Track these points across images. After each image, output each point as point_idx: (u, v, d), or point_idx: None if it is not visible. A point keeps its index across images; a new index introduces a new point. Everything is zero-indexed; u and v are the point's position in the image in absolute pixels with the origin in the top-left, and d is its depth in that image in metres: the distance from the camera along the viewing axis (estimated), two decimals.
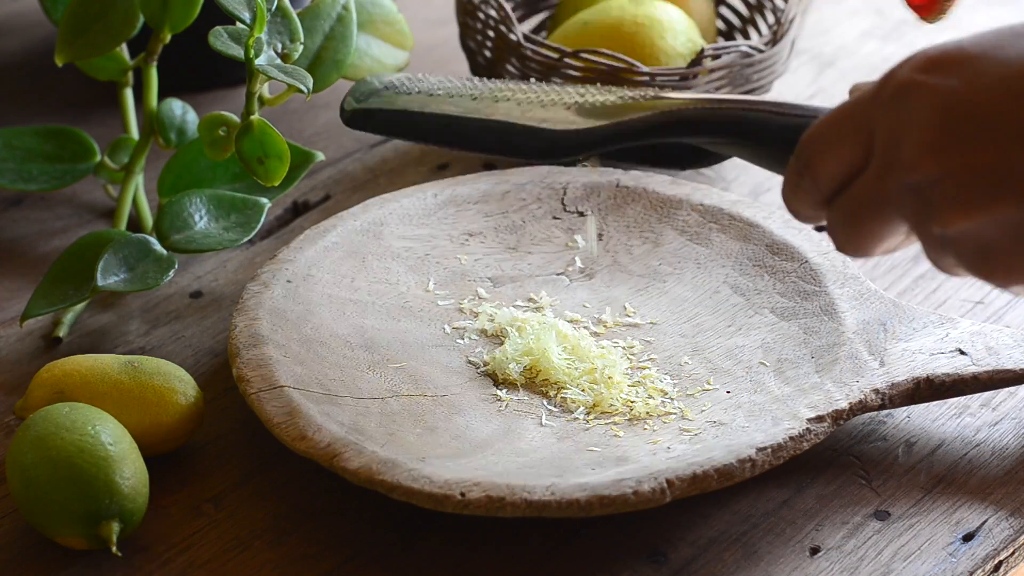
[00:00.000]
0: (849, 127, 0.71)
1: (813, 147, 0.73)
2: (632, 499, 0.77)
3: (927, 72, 0.68)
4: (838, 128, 0.72)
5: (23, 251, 1.02)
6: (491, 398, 0.87)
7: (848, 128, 0.71)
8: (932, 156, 0.68)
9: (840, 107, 0.72)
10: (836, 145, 0.72)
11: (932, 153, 0.68)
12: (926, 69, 0.69)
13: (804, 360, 0.88)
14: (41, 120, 1.12)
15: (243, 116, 0.91)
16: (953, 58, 0.68)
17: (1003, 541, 0.81)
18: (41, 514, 0.78)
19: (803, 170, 0.73)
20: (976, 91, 0.67)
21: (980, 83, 0.67)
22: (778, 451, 0.80)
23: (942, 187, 0.68)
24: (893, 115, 0.69)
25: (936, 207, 0.68)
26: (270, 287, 0.91)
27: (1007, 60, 0.67)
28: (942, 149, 0.67)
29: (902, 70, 0.69)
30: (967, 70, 0.68)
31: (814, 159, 0.73)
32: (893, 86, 0.69)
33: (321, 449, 0.80)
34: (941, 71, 0.68)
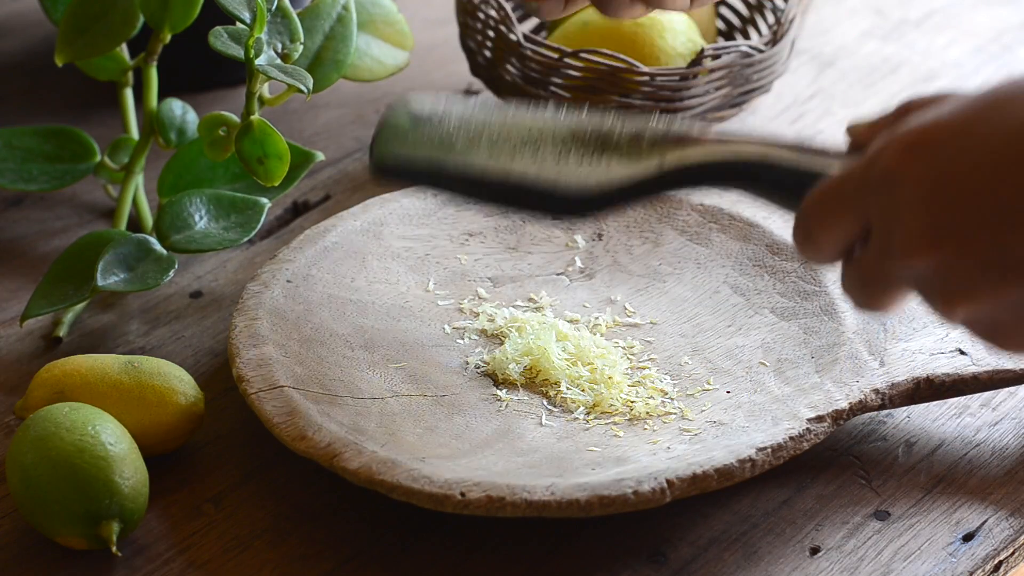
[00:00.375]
0: (844, 206, 0.70)
1: (813, 220, 0.72)
2: (632, 499, 0.77)
3: (909, 157, 0.67)
4: (834, 205, 0.71)
5: (23, 251, 1.02)
6: (491, 398, 0.87)
7: (842, 207, 0.70)
8: (926, 246, 0.67)
9: (834, 182, 0.71)
10: (834, 221, 0.71)
11: (926, 243, 0.67)
12: (907, 153, 0.67)
13: (804, 360, 0.88)
14: (41, 120, 1.12)
15: (243, 116, 0.91)
16: (933, 139, 0.67)
17: (1003, 541, 0.81)
18: (41, 514, 0.78)
19: (806, 240, 0.73)
20: (960, 174, 0.66)
21: (963, 164, 0.66)
22: (778, 451, 0.80)
23: (941, 276, 0.67)
24: (883, 202, 0.68)
25: (938, 294, 0.68)
26: (270, 287, 0.91)
27: (987, 136, 0.66)
28: (935, 239, 0.67)
29: (885, 155, 0.68)
30: (948, 150, 0.66)
31: (815, 231, 0.72)
32: (879, 173, 0.68)
33: (321, 449, 0.80)
34: (923, 155, 0.67)
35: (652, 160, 0.80)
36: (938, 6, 1.29)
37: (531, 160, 0.82)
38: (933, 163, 0.67)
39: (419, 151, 0.83)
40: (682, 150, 0.79)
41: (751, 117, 1.14)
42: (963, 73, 1.20)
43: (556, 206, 0.82)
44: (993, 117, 0.66)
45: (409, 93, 0.87)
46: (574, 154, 0.81)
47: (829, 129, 1.13)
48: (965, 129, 0.66)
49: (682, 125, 0.81)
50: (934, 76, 1.20)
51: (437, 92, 0.91)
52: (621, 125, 0.82)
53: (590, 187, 0.80)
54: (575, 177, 0.81)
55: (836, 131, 1.13)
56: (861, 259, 0.71)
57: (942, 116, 0.68)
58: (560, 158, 0.81)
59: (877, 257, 0.70)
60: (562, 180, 0.81)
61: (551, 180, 0.81)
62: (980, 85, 0.69)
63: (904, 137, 0.68)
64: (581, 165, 0.81)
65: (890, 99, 1.17)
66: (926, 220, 0.67)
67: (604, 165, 0.80)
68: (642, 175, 0.80)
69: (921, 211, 0.67)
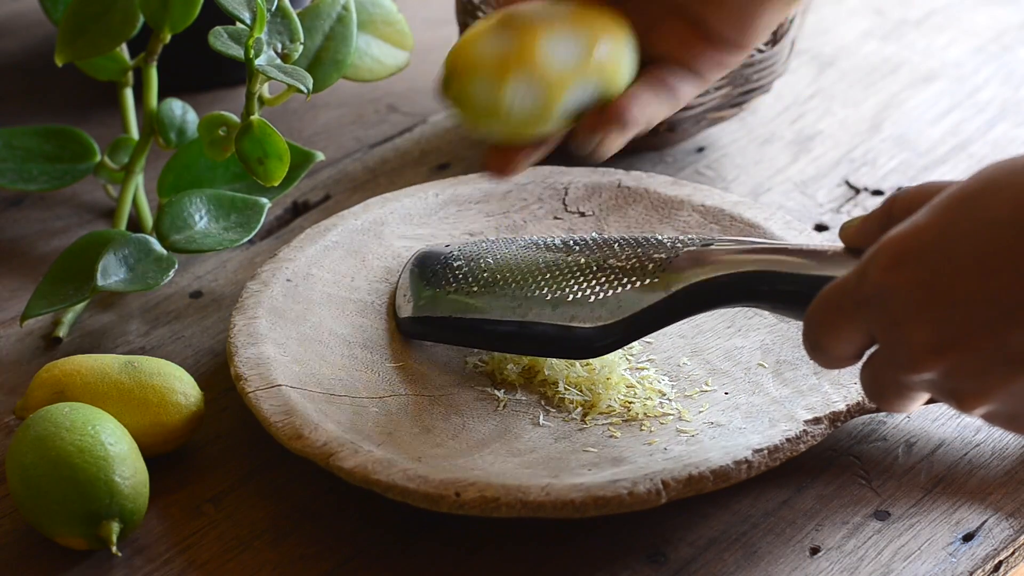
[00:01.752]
0: (844, 319, 0.71)
1: (818, 331, 0.72)
2: (627, 500, 0.77)
3: (895, 271, 0.68)
4: (834, 318, 0.71)
5: (23, 251, 1.02)
6: (489, 398, 0.87)
7: (843, 320, 0.71)
8: (930, 358, 0.67)
9: (832, 295, 0.71)
10: (838, 333, 0.71)
11: (930, 355, 0.67)
12: (893, 268, 0.68)
13: (802, 362, 0.88)
14: (41, 120, 1.12)
15: (243, 116, 0.91)
16: (914, 248, 0.67)
17: (1003, 541, 0.81)
18: (41, 514, 0.78)
19: (814, 350, 0.73)
20: (948, 279, 0.66)
21: (949, 268, 0.66)
22: (774, 453, 0.80)
23: (951, 381, 0.68)
24: (880, 317, 0.69)
25: (952, 397, 0.69)
26: (270, 286, 0.91)
27: (967, 234, 0.66)
28: (937, 349, 0.67)
29: (873, 270, 0.68)
30: (932, 256, 0.67)
31: (822, 342, 0.72)
32: (870, 289, 0.69)
33: (317, 448, 0.80)
34: (908, 266, 0.67)
35: (659, 284, 0.81)
36: (938, 6, 1.29)
37: (542, 306, 0.83)
38: (919, 273, 0.67)
39: (437, 312, 0.86)
40: (686, 270, 0.81)
41: (751, 117, 1.14)
42: (963, 73, 1.20)
43: (575, 348, 0.84)
44: (973, 212, 0.66)
45: (419, 250, 0.91)
46: (582, 289, 0.83)
47: (829, 129, 1.13)
48: (945, 231, 0.67)
49: (685, 242, 0.82)
50: (934, 76, 1.20)
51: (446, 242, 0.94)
52: (624, 250, 0.84)
53: (604, 324, 0.82)
54: (589, 316, 0.82)
55: (836, 131, 1.13)
56: (873, 368, 0.71)
57: (920, 222, 0.68)
58: (569, 295, 0.83)
59: (887, 368, 0.70)
60: (576, 322, 0.83)
61: (566, 325, 0.83)
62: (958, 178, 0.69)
63: (887, 250, 0.68)
64: (591, 300, 0.82)
65: (890, 99, 1.17)
66: (925, 331, 0.67)
67: (614, 297, 0.82)
68: (651, 302, 0.81)
69: (918, 323, 0.67)
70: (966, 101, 1.17)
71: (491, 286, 0.86)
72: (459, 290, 0.87)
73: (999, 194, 0.66)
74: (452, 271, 0.88)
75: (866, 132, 1.13)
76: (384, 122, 1.14)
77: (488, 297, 0.86)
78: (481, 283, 0.86)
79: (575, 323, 0.83)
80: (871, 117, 1.15)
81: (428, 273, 0.89)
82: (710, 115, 1.07)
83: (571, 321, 0.83)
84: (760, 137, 1.13)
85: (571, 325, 0.83)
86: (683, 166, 1.09)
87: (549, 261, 0.86)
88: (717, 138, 1.12)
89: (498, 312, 0.85)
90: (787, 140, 1.12)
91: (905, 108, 1.16)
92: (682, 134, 1.08)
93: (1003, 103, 1.17)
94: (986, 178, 0.67)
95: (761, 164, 1.10)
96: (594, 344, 0.83)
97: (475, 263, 0.88)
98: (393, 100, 1.17)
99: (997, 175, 0.67)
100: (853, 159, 1.10)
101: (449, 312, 0.87)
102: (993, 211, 0.66)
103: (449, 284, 0.87)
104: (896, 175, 1.09)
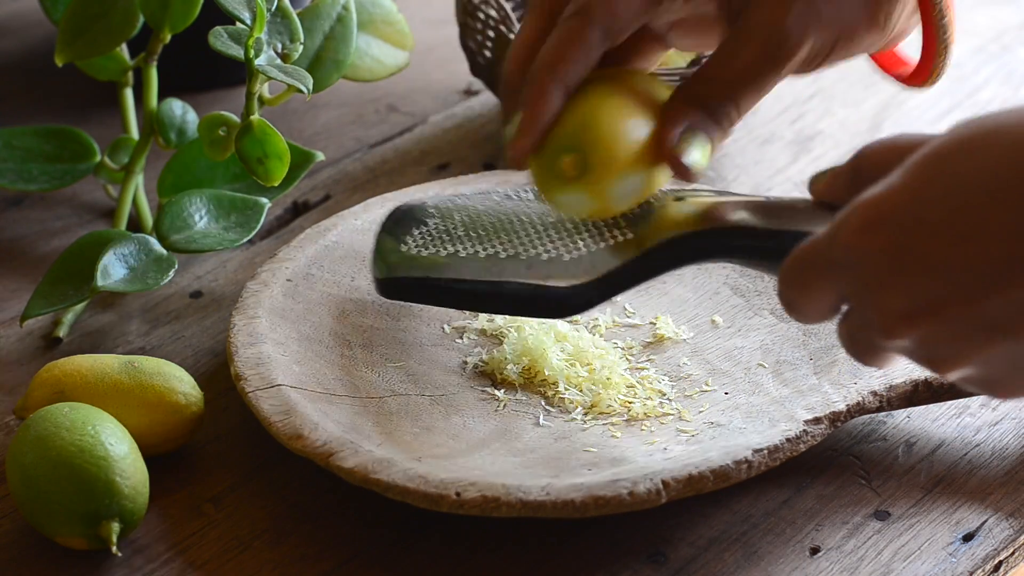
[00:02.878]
0: (817, 278, 0.70)
1: (792, 289, 0.71)
2: (627, 500, 0.77)
3: (866, 236, 0.66)
4: (807, 276, 0.70)
5: (23, 251, 1.02)
6: (489, 398, 0.87)
7: (816, 279, 0.70)
8: (904, 324, 0.66)
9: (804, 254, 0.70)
10: (811, 292, 0.70)
11: (903, 321, 0.66)
12: (863, 232, 0.66)
13: (802, 362, 0.88)
14: (41, 120, 1.12)
15: (243, 116, 0.91)
16: (886, 213, 0.66)
17: (1003, 541, 0.81)
18: (41, 514, 0.78)
19: (789, 307, 0.72)
20: (920, 244, 0.65)
21: (921, 234, 0.65)
22: (774, 453, 0.80)
23: (926, 347, 0.67)
24: (851, 280, 0.68)
25: (927, 361, 0.68)
26: (270, 286, 0.91)
27: (939, 198, 0.64)
28: (910, 315, 0.66)
29: (843, 234, 0.67)
30: (903, 222, 0.65)
31: (795, 300, 0.71)
32: (841, 252, 0.67)
33: (317, 448, 0.80)
34: (879, 231, 0.66)
35: (632, 242, 0.80)
36: None
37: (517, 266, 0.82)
38: (892, 237, 0.65)
39: (412, 274, 0.85)
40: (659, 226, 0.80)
41: (751, 117, 1.14)
42: (963, 73, 1.20)
43: (551, 307, 0.82)
44: (946, 174, 0.65)
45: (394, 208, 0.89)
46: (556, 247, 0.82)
47: (829, 129, 1.13)
48: (918, 194, 0.65)
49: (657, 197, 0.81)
50: None
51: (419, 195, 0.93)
52: None
53: (578, 283, 0.81)
54: (564, 275, 0.81)
55: (836, 131, 1.13)
56: (848, 327, 0.70)
57: (892, 184, 0.66)
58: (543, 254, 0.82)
59: (861, 330, 0.69)
60: (551, 281, 0.81)
61: (540, 284, 0.82)
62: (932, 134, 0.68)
63: (858, 214, 0.67)
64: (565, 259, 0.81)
65: (890, 99, 1.17)
66: (898, 298, 0.66)
67: (588, 256, 0.81)
68: (625, 259, 0.80)
69: (891, 289, 0.66)
70: (966, 101, 1.17)
71: (465, 245, 0.85)
72: (434, 249, 0.85)
73: (973, 156, 0.64)
74: (428, 229, 0.87)
75: (866, 132, 1.13)
76: (384, 122, 1.14)
77: (463, 258, 0.84)
78: (455, 242, 0.85)
79: (550, 282, 0.82)
80: (871, 117, 1.15)
81: (402, 232, 0.88)
82: None
83: (546, 280, 0.82)
84: (760, 137, 1.13)
85: (546, 284, 0.82)
86: None
87: (523, 219, 0.85)
88: None
89: (473, 272, 0.84)
90: (787, 140, 1.12)
91: (905, 108, 1.16)
92: None
93: (1003, 103, 1.17)
94: (960, 138, 0.65)
95: (761, 164, 1.10)
96: (569, 303, 0.81)
97: (449, 221, 0.86)
98: (393, 100, 1.17)
99: (971, 136, 0.65)
100: None
101: (424, 273, 0.85)
102: (967, 174, 0.64)
103: (424, 243, 0.86)
104: None
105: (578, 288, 0.81)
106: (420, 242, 0.86)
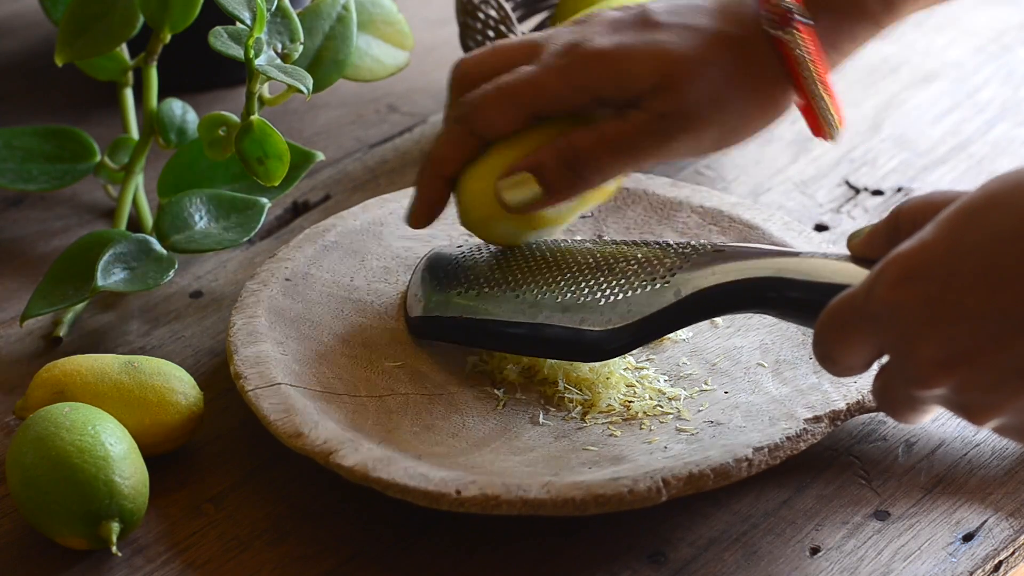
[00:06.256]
0: (854, 332, 0.71)
1: (828, 342, 0.73)
2: (628, 498, 0.77)
3: (902, 288, 0.68)
4: (845, 330, 0.72)
5: (23, 251, 1.02)
6: (489, 397, 0.87)
7: (854, 332, 0.71)
8: (941, 374, 0.68)
9: (842, 307, 0.72)
10: (848, 345, 0.72)
11: (940, 371, 0.68)
12: (900, 285, 0.68)
13: (802, 361, 0.88)
14: (41, 120, 1.12)
15: (243, 116, 0.91)
16: (921, 265, 0.68)
17: (1003, 541, 0.81)
18: (41, 514, 0.78)
19: (824, 360, 0.74)
20: (957, 295, 0.66)
21: (957, 284, 0.67)
22: (774, 451, 0.80)
23: (962, 396, 0.68)
24: (889, 333, 0.69)
25: (963, 411, 0.69)
26: (269, 285, 0.91)
27: (975, 248, 0.66)
28: (947, 364, 0.67)
29: (880, 287, 0.69)
30: (939, 273, 0.67)
31: (832, 353, 0.73)
32: (878, 306, 0.69)
33: (317, 446, 0.80)
34: (916, 283, 0.68)
35: (668, 289, 0.81)
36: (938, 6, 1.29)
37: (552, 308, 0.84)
38: (927, 289, 0.67)
39: (446, 312, 0.86)
40: (696, 274, 0.81)
41: None
42: (963, 73, 1.20)
43: (585, 351, 0.84)
44: (978, 227, 0.67)
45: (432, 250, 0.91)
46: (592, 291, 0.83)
47: None
48: (952, 247, 0.67)
49: (695, 247, 0.82)
50: (934, 76, 1.20)
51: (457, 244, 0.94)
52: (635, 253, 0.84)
53: (613, 327, 0.82)
54: (598, 319, 0.82)
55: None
56: (884, 380, 0.72)
57: (926, 238, 0.68)
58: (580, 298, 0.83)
59: (898, 382, 0.71)
60: (586, 325, 0.83)
61: (575, 328, 0.83)
62: (965, 191, 0.69)
63: (894, 267, 0.68)
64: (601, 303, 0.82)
65: (890, 99, 1.17)
66: (934, 347, 0.67)
67: (623, 301, 0.82)
68: (660, 306, 0.81)
69: (927, 339, 0.67)
70: (966, 101, 1.17)
71: (502, 287, 0.86)
72: (469, 292, 0.87)
73: (1002, 208, 0.66)
74: (463, 272, 0.88)
75: (866, 132, 1.13)
76: (384, 122, 1.14)
77: (498, 299, 0.86)
78: (492, 284, 0.87)
79: (585, 326, 0.83)
80: (871, 117, 1.15)
81: (439, 274, 0.89)
82: None
83: (581, 324, 0.83)
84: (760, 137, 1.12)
85: (581, 328, 0.83)
86: (682, 167, 1.09)
87: (560, 263, 0.86)
88: None
89: (508, 314, 0.85)
90: (787, 140, 1.12)
91: (905, 108, 1.16)
92: None
93: (1003, 103, 1.17)
94: (991, 192, 0.67)
95: (761, 164, 1.10)
96: (604, 347, 0.83)
97: (486, 265, 0.88)
98: (393, 100, 1.17)
99: (1001, 189, 0.67)
100: (853, 159, 1.10)
101: (459, 313, 0.87)
102: (998, 226, 0.66)
103: (460, 285, 0.88)
104: (896, 175, 1.09)
105: (614, 332, 0.82)
106: (455, 283, 0.87)
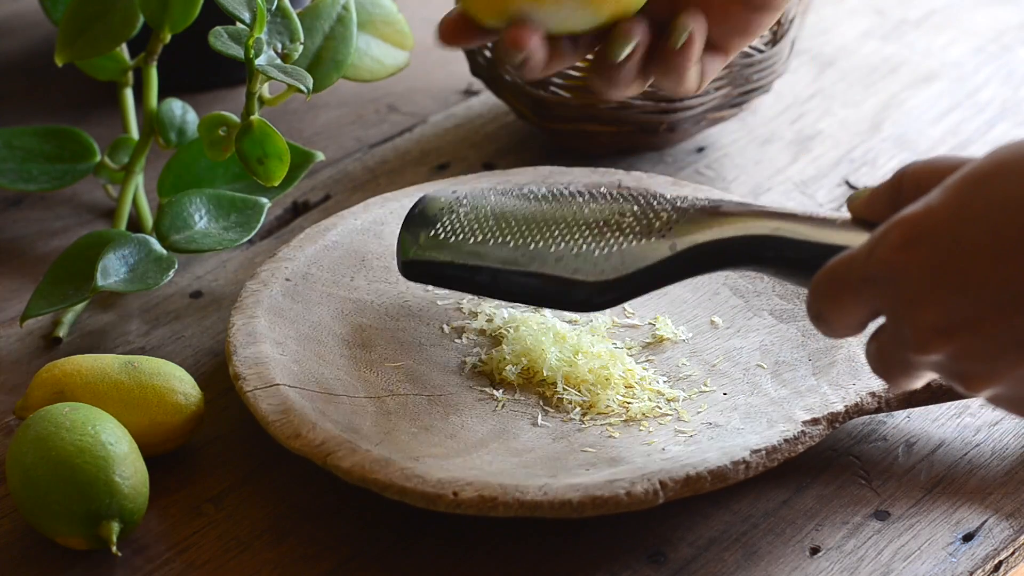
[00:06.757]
0: (851, 292, 0.71)
1: (822, 302, 0.72)
2: (625, 500, 0.77)
3: (905, 251, 0.67)
4: (841, 290, 0.71)
5: (23, 251, 1.02)
6: (487, 398, 0.87)
7: (850, 293, 0.71)
8: (939, 339, 0.67)
9: (840, 267, 0.71)
10: (843, 306, 0.71)
11: (938, 336, 0.67)
12: (904, 248, 0.67)
13: (801, 362, 0.88)
14: (41, 120, 1.12)
15: (243, 116, 0.91)
16: (926, 229, 0.67)
17: (1003, 541, 0.81)
18: (41, 514, 0.78)
19: (817, 319, 0.73)
20: (960, 261, 0.66)
21: (961, 250, 0.66)
22: (772, 453, 0.80)
23: (959, 363, 0.68)
24: (888, 295, 0.69)
25: (959, 379, 0.69)
26: (269, 285, 0.91)
27: (981, 216, 0.66)
28: (946, 331, 0.67)
29: (882, 249, 0.68)
30: (943, 239, 0.66)
31: (825, 313, 0.72)
32: (878, 267, 0.69)
33: (315, 447, 0.80)
34: (919, 248, 0.67)
35: (664, 242, 0.81)
36: (938, 6, 1.29)
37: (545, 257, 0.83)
38: (931, 255, 0.67)
39: (439, 257, 0.85)
40: (693, 229, 0.80)
41: (751, 117, 1.14)
42: (963, 73, 1.20)
43: (576, 301, 0.83)
44: (985, 194, 0.66)
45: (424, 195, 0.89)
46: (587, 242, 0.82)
47: (829, 129, 1.13)
48: (958, 213, 0.66)
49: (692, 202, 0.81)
50: (934, 76, 1.20)
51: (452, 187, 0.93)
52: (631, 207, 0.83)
53: (607, 279, 0.81)
54: (592, 271, 0.82)
55: (836, 131, 1.13)
56: (879, 344, 0.71)
57: (932, 203, 0.67)
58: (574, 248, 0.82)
59: (893, 347, 0.70)
60: (578, 276, 0.82)
61: (567, 277, 0.82)
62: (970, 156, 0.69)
63: (898, 230, 0.68)
64: (595, 255, 0.82)
65: (890, 99, 1.17)
66: (934, 313, 0.67)
67: (618, 253, 0.81)
68: (656, 259, 0.81)
69: (928, 305, 0.67)
70: (966, 101, 1.17)
71: (495, 234, 0.85)
72: (464, 238, 0.86)
73: (1010, 176, 0.66)
74: (458, 218, 0.87)
75: (866, 132, 1.13)
76: (384, 122, 1.14)
77: (493, 246, 0.85)
78: (485, 231, 0.85)
79: (578, 276, 0.82)
80: (871, 117, 1.15)
81: (432, 218, 0.88)
82: (710, 115, 1.07)
83: (574, 274, 0.82)
84: (760, 137, 1.13)
85: (573, 278, 0.82)
86: (683, 166, 1.09)
87: (555, 213, 0.85)
88: (717, 138, 1.12)
89: (501, 262, 0.84)
90: (787, 140, 1.12)
91: (905, 108, 1.16)
92: (682, 134, 1.08)
93: (1003, 103, 1.17)
94: (999, 160, 0.67)
95: (761, 164, 1.10)
96: (594, 299, 0.82)
97: (480, 211, 0.87)
98: (393, 100, 1.17)
99: (1009, 157, 0.66)
100: (853, 159, 1.10)
101: (451, 258, 0.86)
102: (1004, 194, 0.65)
103: (454, 231, 0.87)
104: None
105: (606, 284, 0.81)
106: (448, 228, 0.86)
